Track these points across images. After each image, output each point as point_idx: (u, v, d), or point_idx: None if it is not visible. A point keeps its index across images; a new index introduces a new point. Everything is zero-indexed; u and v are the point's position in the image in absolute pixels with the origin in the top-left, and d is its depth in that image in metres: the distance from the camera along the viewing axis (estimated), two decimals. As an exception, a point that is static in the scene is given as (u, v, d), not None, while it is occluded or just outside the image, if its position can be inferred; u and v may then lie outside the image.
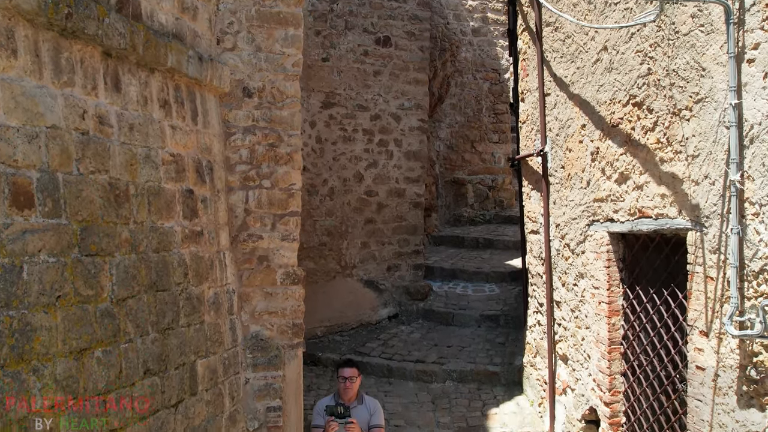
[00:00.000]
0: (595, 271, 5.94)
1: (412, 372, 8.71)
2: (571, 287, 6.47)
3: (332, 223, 10.14)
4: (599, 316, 5.87)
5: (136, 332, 4.03)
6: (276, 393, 5.72)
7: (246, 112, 5.80)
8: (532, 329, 7.89)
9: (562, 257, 6.67)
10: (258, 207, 5.80)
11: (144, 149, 4.33)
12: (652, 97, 4.92)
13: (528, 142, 7.67)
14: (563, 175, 6.55)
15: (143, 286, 4.16)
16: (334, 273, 10.20)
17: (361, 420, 5.19)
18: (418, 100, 10.88)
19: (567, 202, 6.48)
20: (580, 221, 6.20)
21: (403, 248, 10.83)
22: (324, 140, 10.06)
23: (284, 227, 5.88)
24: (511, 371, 8.50)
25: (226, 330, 5.38)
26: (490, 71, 16.09)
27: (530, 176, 7.65)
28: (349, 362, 5.61)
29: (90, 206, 3.68)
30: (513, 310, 10.06)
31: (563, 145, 6.53)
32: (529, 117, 7.58)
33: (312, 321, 9.85)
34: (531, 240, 7.75)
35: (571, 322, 6.53)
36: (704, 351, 4.44)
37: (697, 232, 4.47)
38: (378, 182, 10.52)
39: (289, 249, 5.91)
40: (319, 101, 10.03)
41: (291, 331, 5.88)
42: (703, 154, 4.37)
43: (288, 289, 5.89)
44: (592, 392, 6.07)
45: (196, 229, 4.96)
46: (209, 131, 5.41)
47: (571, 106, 6.30)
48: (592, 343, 6.04)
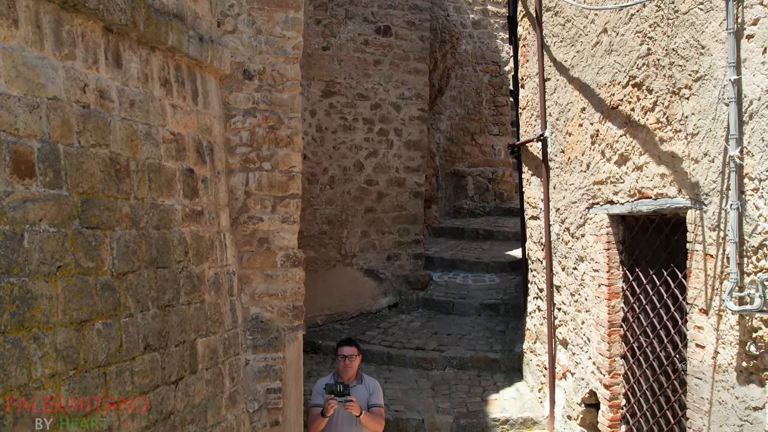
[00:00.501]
0: (594, 253, 5.94)
1: (412, 359, 8.72)
2: (571, 271, 6.48)
3: (332, 211, 10.14)
4: (599, 298, 5.88)
5: (136, 307, 4.04)
6: (276, 375, 5.73)
7: (246, 95, 5.81)
8: (531, 315, 7.90)
9: (562, 242, 6.67)
10: (258, 189, 5.81)
11: (145, 126, 4.33)
12: (652, 77, 4.93)
13: (528, 128, 7.68)
14: (563, 160, 6.56)
15: (144, 261, 4.17)
16: (334, 261, 10.21)
17: (361, 399, 5.18)
18: (419, 90, 10.88)
19: (567, 186, 6.48)
20: (579, 205, 6.21)
21: (403, 237, 10.83)
22: (324, 129, 10.06)
23: (284, 210, 5.88)
24: (511, 358, 8.51)
25: (227, 311, 5.39)
26: (490, 63, 16.10)
27: (530, 162, 7.66)
28: (348, 341, 5.60)
29: (91, 179, 3.69)
30: (513, 299, 10.07)
31: (563, 130, 6.53)
32: (529, 103, 7.58)
33: (312, 309, 9.86)
34: (531, 226, 7.75)
35: (570, 306, 6.54)
36: (704, 329, 4.45)
37: (696, 210, 4.47)
38: (378, 171, 10.52)
39: (290, 231, 5.92)
40: (320, 90, 10.03)
41: (291, 313, 5.89)
42: (703, 132, 4.38)
43: (288, 272, 5.89)
44: (592, 375, 6.08)
45: (196, 209, 4.97)
46: (209, 112, 5.41)
47: (571, 90, 6.31)
48: (591, 326, 6.05)
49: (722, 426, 4.29)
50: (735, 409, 4.17)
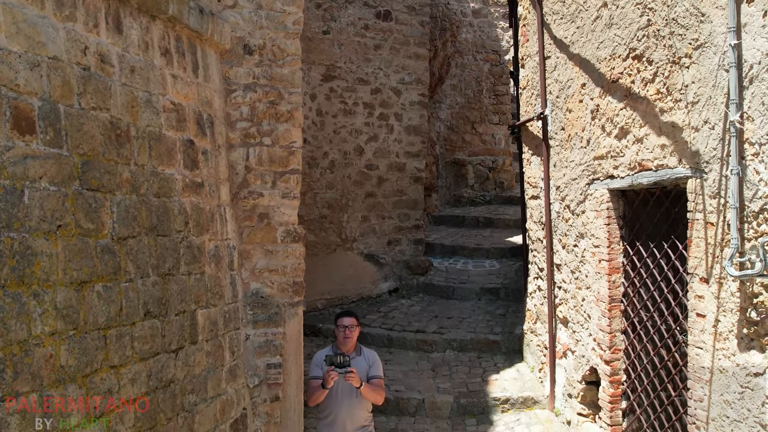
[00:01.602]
0: (595, 229, 5.95)
1: (413, 342, 8.73)
2: (572, 248, 6.49)
3: (333, 196, 10.14)
4: (599, 274, 5.88)
5: (136, 273, 4.05)
6: (276, 350, 5.74)
7: (246, 70, 5.81)
8: (532, 296, 7.91)
9: (563, 219, 6.68)
10: (258, 164, 5.81)
11: (145, 93, 4.34)
12: (652, 48, 4.93)
13: (528, 107, 7.68)
14: (563, 137, 6.56)
15: (144, 228, 4.17)
16: (334, 246, 10.21)
17: (360, 370, 5.16)
18: (419, 75, 10.88)
19: (567, 164, 6.49)
20: (580, 181, 6.21)
21: (404, 223, 10.83)
22: (324, 113, 10.06)
23: (285, 185, 5.89)
24: (511, 340, 8.52)
25: (227, 284, 5.40)
26: (490, 52, 16.10)
27: (530, 141, 7.66)
28: (348, 312, 5.58)
29: (91, 141, 3.70)
30: (513, 283, 10.08)
31: (563, 107, 6.53)
32: (530, 82, 7.58)
33: (312, 293, 9.86)
34: (531, 206, 7.76)
35: (571, 284, 6.54)
36: (704, 298, 4.46)
37: (697, 179, 4.47)
38: (378, 156, 10.53)
39: (290, 207, 5.92)
40: (320, 74, 10.02)
41: (291, 289, 5.90)
42: (703, 100, 4.38)
43: (288, 247, 5.90)
44: (593, 352, 6.09)
45: (196, 180, 4.97)
46: (210, 86, 5.42)
47: (571, 66, 6.31)
48: (592, 302, 6.05)
49: (723, 394, 4.30)
50: (736, 377, 4.18)
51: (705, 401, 4.46)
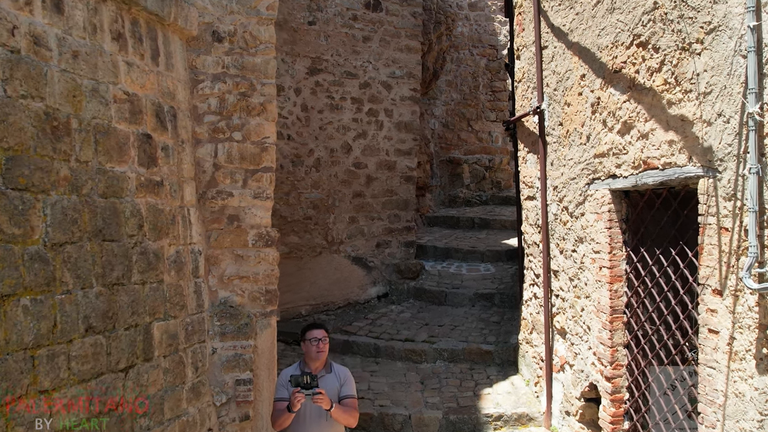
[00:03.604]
0: (595, 233, 5.52)
1: (401, 351, 8.30)
2: (570, 254, 6.06)
3: (318, 195, 9.71)
4: (600, 282, 5.46)
5: (76, 283, 3.62)
6: (246, 364, 5.32)
7: (215, 58, 5.40)
8: (527, 303, 7.47)
9: (560, 222, 6.25)
10: (228, 161, 5.39)
11: (91, 81, 3.91)
12: (659, 34, 4.50)
13: (524, 101, 7.25)
14: (561, 133, 6.13)
15: (87, 233, 3.74)
16: (320, 249, 9.78)
17: (331, 390, 4.62)
18: (410, 69, 10.44)
19: (565, 162, 6.06)
20: (579, 181, 5.79)
21: (394, 224, 10.41)
22: (310, 108, 9.62)
23: (257, 184, 5.47)
24: (505, 350, 8.09)
25: (190, 293, 4.96)
26: (487, 47, 15.70)
27: (526, 138, 7.23)
28: (317, 324, 5.04)
29: (19, 134, 3.27)
30: (509, 288, 9.66)
31: (561, 100, 6.11)
32: (525, 74, 7.15)
33: (296, 299, 9.47)
34: (527, 207, 7.32)
35: (569, 292, 6.12)
36: (718, 312, 4.03)
37: (709, 179, 4.05)
38: (367, 154, 10.10)
39: (262, 208, 5.50)
40: (305, 67, 9.58)
41: (264, 297, 5.48)
42: (717, 90, 3.95)
43: (261, 252, 5.48)
44: (593, 367, 5.67)
45: (154, 179, 4.54)
46: (173, 75, 4.99)
47: (570, 56, 5.88)
48: (592, 313, 5.63)
49: (739, 421, 3.87)
50: (754, 402, 3.75)
51: (718, 428, 4.03)
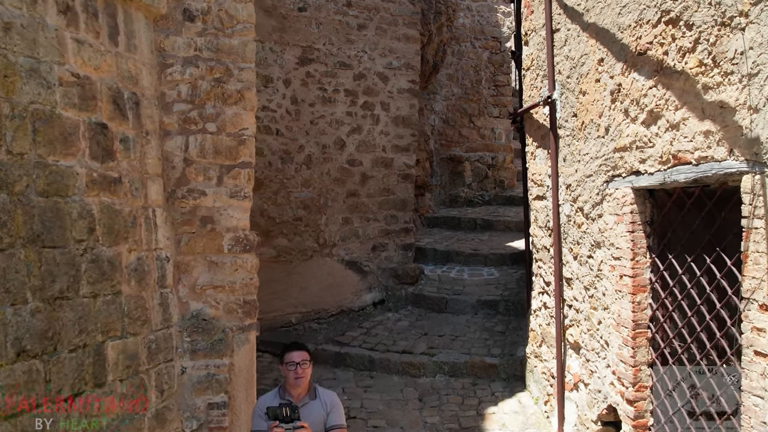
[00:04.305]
0: (615, 237, 4.96)
1: (398, 364, 7.74)
2: (585, 260, 5.50)
3: (309, 195, 9.15)
4: (621, 293, 4.90)
5: (4, 299, 3.06)
6: (220, 386, 4.76)
7: (187, 40, 4.85)
8: (536, 313, 6.91)
9: (574, 224, 5.69)
10: (201, 156, 4.84)
11: (28, 60, 3.37)
12: (692, 9, 3.94)
13: (533, 91, 6.68)
14: (575, 125, 5.58)
15: (20, 238, 3.19)
16: (311, 252, 9.22)
17: (315, 420, 4.03)
18: (408, 59, 9.88)
19: (580, 157, 5.50)
20: (596, 178, 5.23)
21: (391, 225, 9.85)
22: (300, 101, 9.06)
23: (233, 182, 4.92)
24: (511, 363, 7.52)
25: (155, 306, 4.41)
26: (490, 39, 15.17)
27: (535, 132, 6.66)
28: (297, 344, 4.48)
29: (-75, 119, 2.71)
30: (514, 295, 9.10)
31: (575, 89, 5.55)
32: (534, 61, 6.59)
33: (285, 306, 8.92)
34: (536, 208, 6.76)
35: (584, 302, 5.56)
36: (766, 331, 3.47)
37: (756, 175, 3.49)
38: (362, 150, 9.54)
39: (239, 209, 4.95)
40: (295, 57, 9.02)
41: (241, 309, 4.93)
42: (766, 70, 3.39)
43: (238, 258, 4.93)
44: (611, 387, 5.11)
45: (110, 175, 3.99)
46: (136, 57, 4.44)
47: (586, 39, 5.32)
48: (611, 327, 5.07)
49: (791, 459, 3.31)
50: (810, 438, 3.19)
51: (767, 468, 3.47)
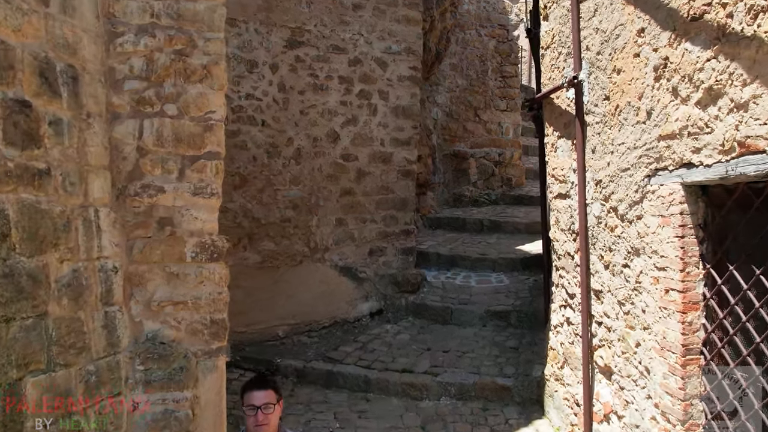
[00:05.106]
0: (659, 244, 4.18)
1: (397, 385, 6.96)
2: (620, 270, 4.71)
3: (299, 193, 8.37)
4: (666, 310, 4.12)
5: None
6: (180, 425, 3.98)
7: (141, 4, 4.09)
8: (557, 330, 6.11)
9: (606, 227, 4.91)
10: (158, 144, 4.07)
11: None
12: (771, -44, 3.16)
13: (553, 73, 5.89)
14: (608, 110, 4.79)
15: None
16: (300, 257, 8.44)
17: None
18: (409, 44, 9.11)
19: (614, 148, 4.72)
20: (635, 172, 4.44)
21: (390, 227, 9.08)
22: (289, 88, 8.28)
23: (198, 176, 4.14)
24: (527, 386, 6.73)
25: (96, 328, 3.62)
26: (496, 27, 14.46)
27: (557, 120, 5.87)
28: (261, 381, 3.71)
29: None
30: (527, 305, 8.33)
31: (608, 67, 4.77)
32: (556, 38, 5.80)
33: (271, 318, 8.17)
34: (558, 207, 5.96)
35: (618, 319, 4.78)
36: None
37: None
38: (358, 143, 8.76)
39: (205, 208, 4.17)
40: (283, 39, 8.24)
41: (207, 330, 4.14)
42: None
43: (203, 269, 4.15)
44: (653, 423, 4.32)
45: (34, 166, 3.21)
46: (75, 22, 3.65)
47: (621, 6, 4.54)
48: (653, 351, 4.29)
49: None
50: None
51: None
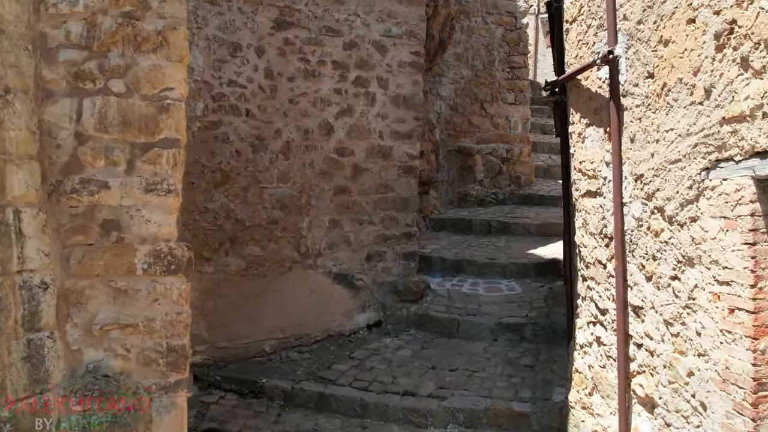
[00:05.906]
0: (721, 252, 3.45)
1: (398, 410, 6.22)
2: (667, 283, 3.97)
3: (288, 192, 7.64)
4: (731, 334, 3.39)
5: None
6: (127, 480, 3.24)
7: (81, -45, 3.34)
8: (584, 350, 5.36)
9: (649, 231, 4.17)
10: (101, 129, 3.35)
11: None
12: None
13: (580, 50, 5.15)
14: (652, 90, 4.06)
15: None
16: (290, 263, 7.71)
17: None
18: (411, 26, 8.38)
19: (659, 135, 3.98)
20: (688, 164, 3.71)
21: (389, 229, 8.35)
22: (277, 75, 7.54)
23: (151, 168, 3.43)
24: (548, 412, 5.96)
25: (13, 362, 2.90)
26: (504, 14, 13.79)
27: (584, 105, 5.12)
28: None
29: None
30: (543, 316, 7.60)
31: (651, 38, 4.03)
32: (583, 8, 5.05)
33: (257, 331, 7.44)
34: (585, 208, 5.21)
35: (664, 342, 4.04)
36: None
37: None
38: (354, 136, 8.03)
39: (161, 209, 3.45)
40: (270, 19, 7.50)
41: (164, 360, 3.42)
42: None
43: (158, 284, 3.43)
44: (711, 470, 3.59)
45: None
46: (-12, -27, 2.92)
47: (671, -37, 3.80)
48: (712, 382, 3.56)
49: None
50: None
51: None
